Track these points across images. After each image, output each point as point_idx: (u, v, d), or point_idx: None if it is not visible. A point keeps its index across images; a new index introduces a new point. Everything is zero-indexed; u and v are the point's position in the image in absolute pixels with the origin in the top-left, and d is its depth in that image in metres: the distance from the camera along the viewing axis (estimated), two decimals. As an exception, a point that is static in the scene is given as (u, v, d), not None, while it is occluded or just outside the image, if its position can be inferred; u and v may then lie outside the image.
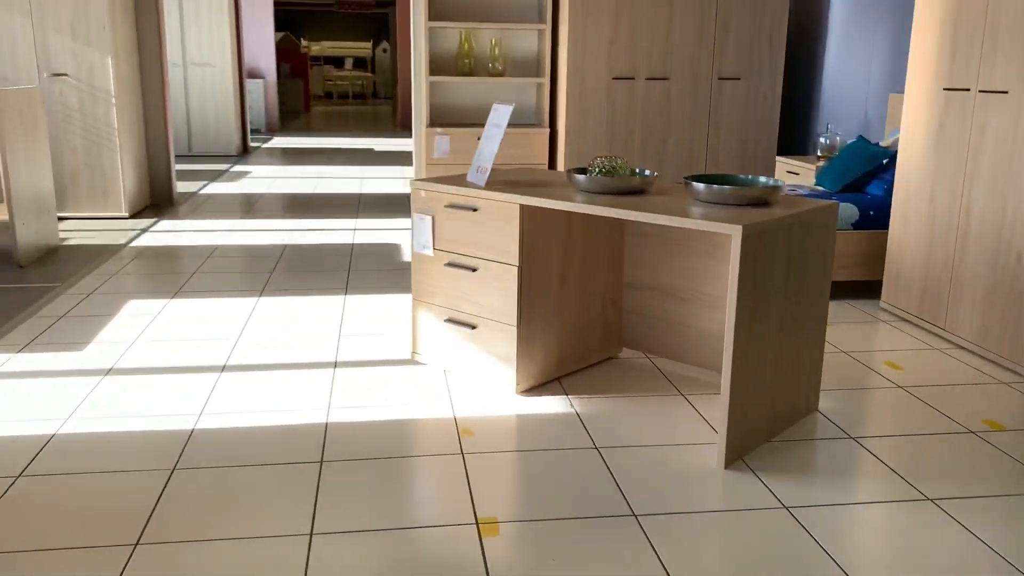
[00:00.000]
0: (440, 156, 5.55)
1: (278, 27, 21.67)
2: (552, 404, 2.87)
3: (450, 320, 3.06)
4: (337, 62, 22.37)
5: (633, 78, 5.48)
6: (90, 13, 5.58)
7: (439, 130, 5.52)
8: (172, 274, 4.50)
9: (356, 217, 6.21)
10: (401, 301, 4.06)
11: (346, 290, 4.25)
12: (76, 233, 5.40)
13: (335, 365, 3.21)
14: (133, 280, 4.37)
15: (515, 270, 2.83)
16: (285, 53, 16.63)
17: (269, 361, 3.24)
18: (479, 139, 5.56)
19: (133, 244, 5.20)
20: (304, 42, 21.32)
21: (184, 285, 4.29)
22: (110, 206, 5.85)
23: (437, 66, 5.80)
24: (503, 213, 2.83)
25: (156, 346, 3.38)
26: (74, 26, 5.59)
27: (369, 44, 22.57)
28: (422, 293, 3.14)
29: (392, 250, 5.16)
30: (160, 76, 6.29)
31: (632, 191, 2.82)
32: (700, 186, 2.63)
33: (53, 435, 2.59)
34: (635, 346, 3.31)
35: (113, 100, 5.70)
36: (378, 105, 19.83)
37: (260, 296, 4.12)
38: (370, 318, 3.79)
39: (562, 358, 3.08)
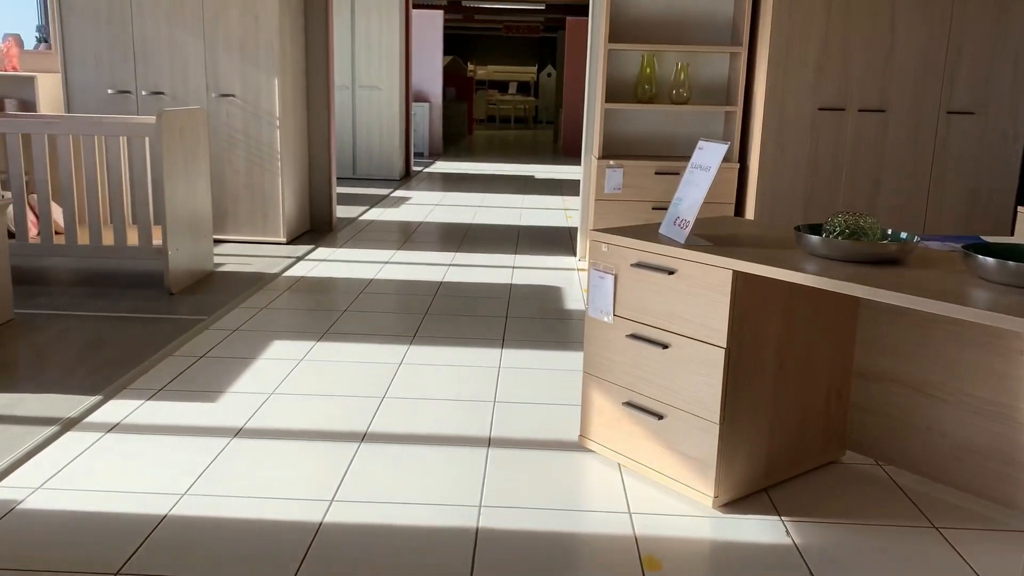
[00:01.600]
0: (612, 191, 5.01)
1: (446, 51, 21.96)
2: (761, 528, 2.23)
3: (630, 404, 2.49)
4: (501, 86, 22.37)
5: (843, 109, 4.73)
6: (259, 34, 5.44)
7: (612, 162, 4.98)
8: (322, 311, 4.18)
9: (515, 252, 5.76)
10: (563, 360, 3.53)
11: (503, 341, 3.77)
12: (232, 258, 5.23)
13: (489, 443, 2.71)
14: (282, 316, 4.07)
15: (721, 352, 2.23)
16: (451, 77, 16.68)
17: (415, 431, 2.79)
18: (655, 173, 4.98)
19: (287, 273, 4.96)
20: (470, 66, 21.46)
21: (333, 325, 3.95)
22: (269, 230, 5.69)
23: (613, 92, 5.28)
24: (709, 279, 2.24)
25: (294, 402, 3.01)
26: (243, 46, 5.47)
27: (534, 68, 22.45)
28: (596, 366, 2.59)
29: (553, 294, 4.65)
30: (326, 98, 6.11)
31: (885, 260, 2.16)
32: (991, 262, 1.94)
33: (163, 518, 2.22)
34: (862, 450, 2.61)
35: (277, 122, 5.54)
36: (539, 130, 19.59)
37: (411, 344, 3.70)
38: (529, 380, 3.28)
39: (771, 463, 2.44)
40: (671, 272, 2.33)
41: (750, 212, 4.90)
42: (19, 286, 4.38)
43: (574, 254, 5.76)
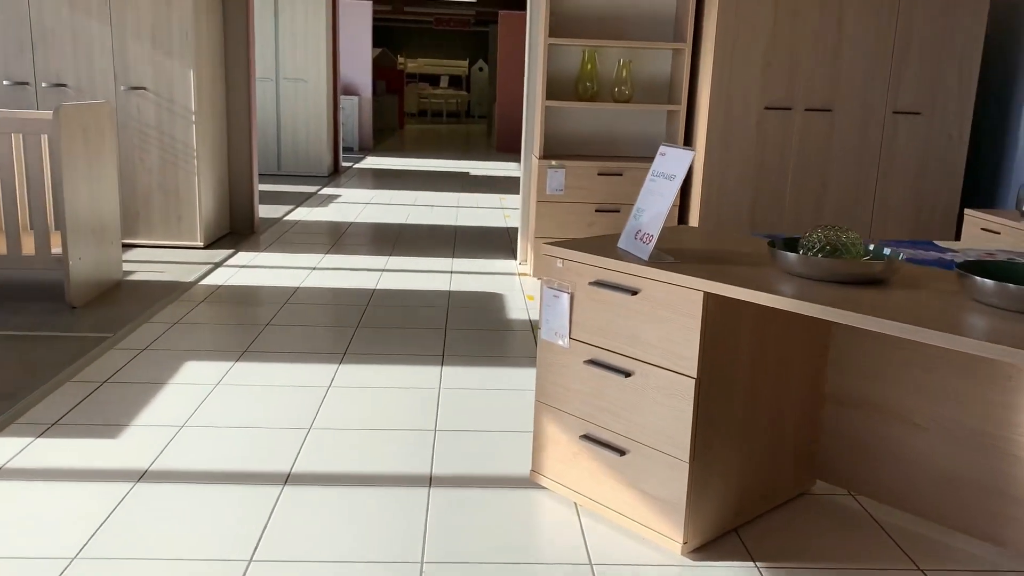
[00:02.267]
0: (554, 192, 4.77)
1: (375, 43, 21.45)
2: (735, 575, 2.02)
3: (588, 438, 2.25)
4: (432, 80, 21.97)
5: (790, 108, 4.59)
6: (173, 20, 5.02)
7: (553, 162, 4.75)
8: (242, 325, 3.83)
9: (452, 256, 5.47)
10: (509, 379, 3.27)
11: (443, 358, 3.49)
12: (143, 266, 4.82)
13: (430, 481, 2.44)
14: (197, 332, 3.71)
15: (690, 382, 2.00)
16: (381, 69, 16.24)
17: (346, 469, 2.49)
18: (598, 173, 4.76)
19: (204, 282, 4.58)
20: (401, 59, 21.01)
21: (254, 341, 3.61)
22: (184, 234, 5.27)
23: (554, 89, 5.04)
24: (677, 301, 2.01)
25: (207, 436, 2.68)
26: (155, 34, 5.04)
27: (465, 62, 22.12)
28: (550, 395, 2.34)
29: (494, 303, 4.38)
30: (247, 91, 5.71)
31: (869, 280, 1.96)
32: (990, 284, 1.75)
33: (48, 588, 1.88)
34: (835, 479, 2.43)
35: (193, 117, 5.13)
36: (472, 124, 19.29)
37: (340, 363, 3.39)
38: (473, 404, 3.02)
39: (743, 500, 2.23)
40: (634, 292, 2.09)
41: (694, 215, 4.72)
42: None
43: (514, 257, 5.51)
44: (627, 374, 2.13)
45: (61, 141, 3.77)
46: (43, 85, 5.06)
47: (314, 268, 4.99)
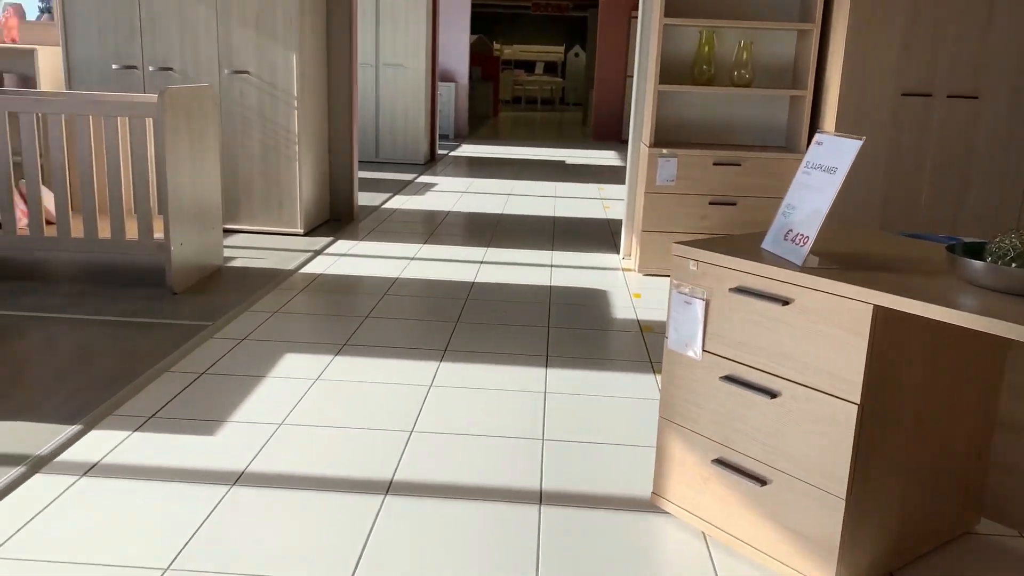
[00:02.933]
0: (664, 183, 4.50)
1: (472, 29, 21.38)
2: (898, 633, 1.75)
3: (722, 462, 2.00)
4: (528, 66, 21.77)
5: (930, 95, 4.18)
6: (277, 4, 4.95)
7: (665, 151, 4.47)
8: (341, 317, 3.71)
9: (551, 248, 5.26)
10: (619, 384, 3.05)
11: (547, 359, 3.29)
12: (244, 252, 4.77)
13: (541, 498, 2.23)
14: (296, 322, 3.61)
15: (852, 408, 1.73)
16: (477, 56, 16.12)
17: (450, 480, 2.32)
18: (713, 163, 4.46)
19: (304, 270, 4.50)
20: (497, 45, 20.87)
21: (354, 334, 3.48)
22: (285, 220, 5.22)
23: (668, 72, 4.75)
24: (839, 314, 1.74)
25: (306, 436, 2.54)
26: (260, 19, 4.99)
27: (561, 48, 21.82)
28: (677, 412, 2.10)
29: (598, 299, 4.15)
30: (349, 77, 5.62)
31: (1077, 296, 1.65)
32: None
33: (140, 602, 1.76)
34: (1003, 518, 2.11)
35: (295, 102, 5.06)
36: (566, 112, 19.00)
37: (441, 360, 3.22)
38: (582, 410, 2.80)
39: (901, 540, 1.95)
40: (786, 302, 1.83)
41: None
42: (5, 283, 3.94)
43: (617, 251, 5.26)
44: (772, 395, 1.87)
45: (165, 124, 3.72)
46: (150, 69, 5.08)
47: (412, 258, 4.86)
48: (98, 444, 2.43)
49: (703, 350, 2.02)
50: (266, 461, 2.38)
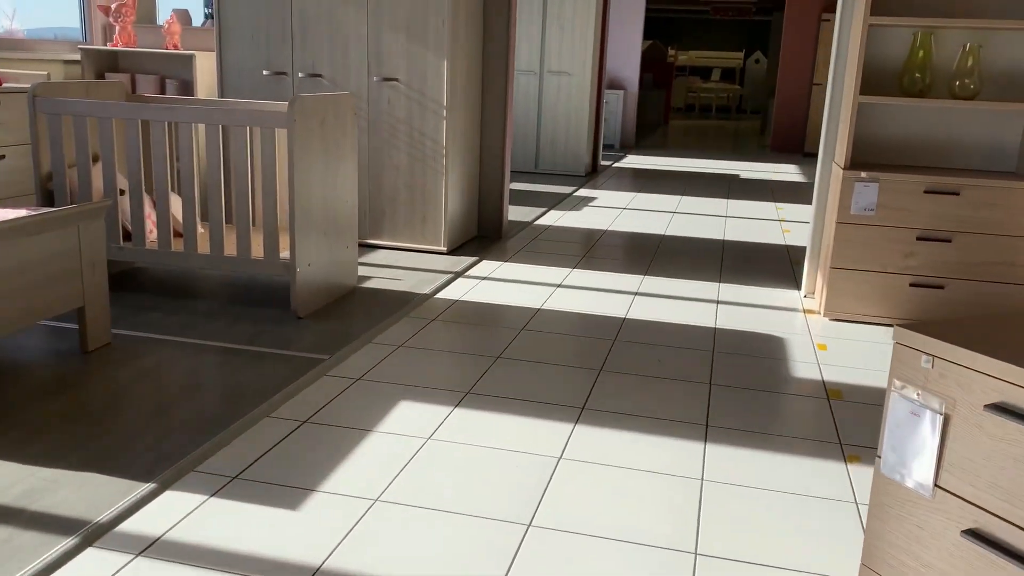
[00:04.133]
0: (861, 212, 3.77)
1: (645, 34, 20.70)
2: None
3: (959, 651, 1.37)
4: (703, 72, 20.82)
5: None
6: (429, 8, 4.62)
7: (864, 174, 3.74)
8: (471, 355, 3.28)
9: (718, 279, 4.62)
10: (800, 478, 2.41)
11: (705, 430, 2.70)
12: (381, 271, 4.46)
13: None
14: (420, 360, 3.21)
15: None
16: (649, 62, 15.46)
17: (569, 605, 1.80)
18: (924, 191, 3.68)
19: (441, 294, 4.12)
20: (671, 51, 20.09)
21: (481, 378, 3.04)
22: (428, 237, 4.89)
23: (870, 81, 4.01)
24: None
25: (400, 520, 2.11)
26: (410, 24, 4.67)
27: (740, 54, 20.72)
28: (886, 564, 1.48)
29: (771, 349, 3.50)
30: (504, 85, 5.22)
31: None
32: None
33: None
34: None
35: (444, 112, 4.70)
36: (743, 121, 17.95)
37: (576, 422, 2.72)
38: (750, 513, 2.20)
39: None
40: (1084, 440, 1.19)
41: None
42: (130, 294, 3.80)
43: (797, 287, 4.54)
44: (1051, 573, 1.23)
45: (296, 135, 3.43)
46: (300, 75, 4.88)
47: (559, 285, 4.37)
48: (166, 511, 2.10)
49: (935, 485, 1.39)
50: (350, 552, 1.96)
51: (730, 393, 3.02)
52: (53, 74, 5.29)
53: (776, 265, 5.04)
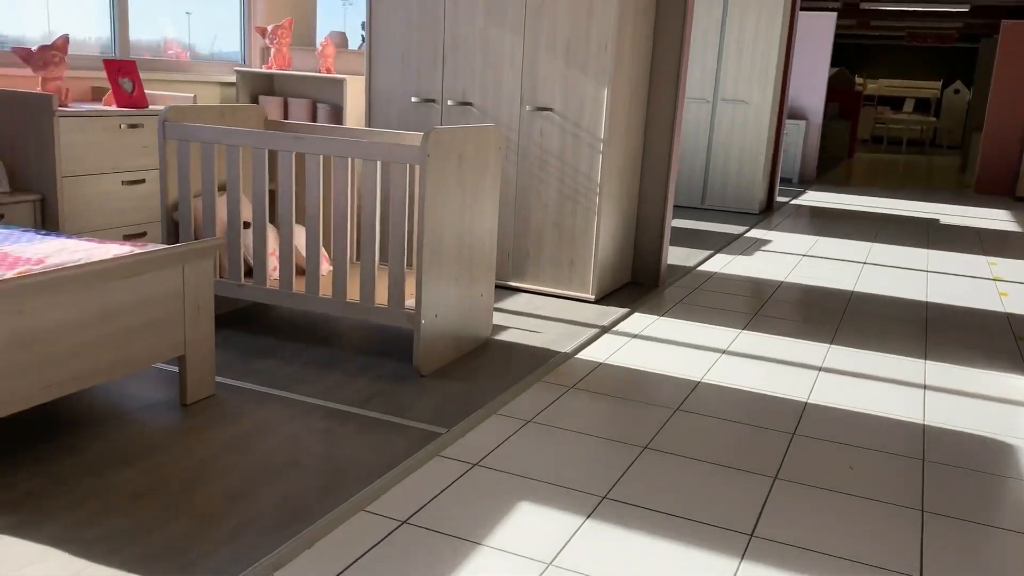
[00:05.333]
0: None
1: (833, 61, 19.40)
2: None
3: None
4: (894, 102, 19.21)
5: None
6: (592, 30, 4.14)
7: None
8: (611, 443, 2.74)
9: (923, 355, 3.82)
10: None
11: (921, 572, 2.02)
12: (518, 320, 4.00)
13: None
14: (549, 444, 2.70)
15: None
16: (835, 90, 14.32)
17: None
18: None
19: (583, 354, 3.60)
20: (859, 79, 18.67)
21: (623, 477, 2.49)
22: (574, 282, 4.38)
23: None
24: None
25: None
26: (570, 48, 4.20)
27: (938, 83, 18.96)
28: None
29: (998, 463, 2.72)
30: (671, 116, 4.65)
31: None
32: None
33: None
34: None
35: (601, 145, 4.20)
36: (937, 156, 16.32)
37: (742, 558, 2.11)
38: None
39: None
40: None
41: None
42: (248, 335, 3.52)
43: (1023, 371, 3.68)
44: None
45: (429, 172, 3.03)
46: (449, 103, 4.53)
47: (725, 351, 3.74)
48: (212, 645, 1.69)
49: None
50: None
51: (950, 528, 2.31)
52: (209, 97, 5.23)
53: (994, 339, 4.16)
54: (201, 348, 2.81)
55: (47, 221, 3.78)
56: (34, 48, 3.81)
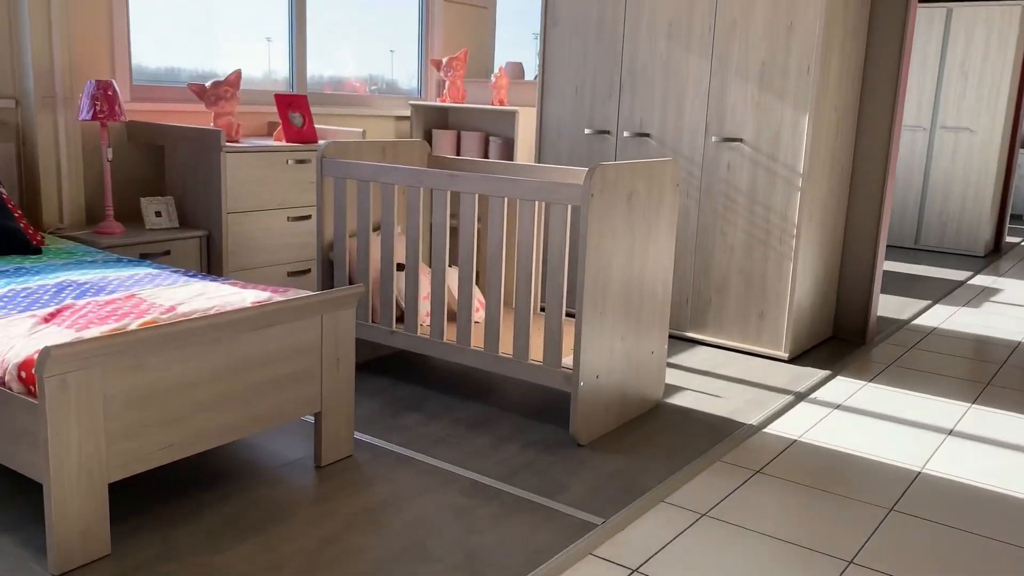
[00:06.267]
0: None
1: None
2: None
3: None
4: None
5: None
6: (792, 50, 3.62)
7: None
8: (806, 551, 2.21)
9: None
10: None
11: None
12: (696, 380, 3.51)
13: None
14: (726, 547, 2.22)
15: None
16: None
17: None
18: None
19: (772, 427, 3.07)
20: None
21: (815, 602, 1.97)
22: (764, 338, 3.84)
23: None
24: None
25: None
26: (765, 71, 3.70)
27: None
28: None
29: None
30: (885, 147, 4.02)
31: None
32: None
33: None
34: None
35: (800, 180, 3.65)
36: None
37: None
38: None
39: None
40: None
41: None
42: (398, 384, 3.27)
43: None
44: None
45: (592, 213, 2.65)
46: (624, 135, 4.14)
47: (949, 432, 3.08)
48: None
49: None
50: None
51: None
52: (382, 131, 5.15)
53: None
54: (339, 405, 2.57)
55: (212, 258, 3.75)
56: (208, 84, 3.81)
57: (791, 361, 3.82)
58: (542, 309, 4.22)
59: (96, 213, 3.83)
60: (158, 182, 4.03)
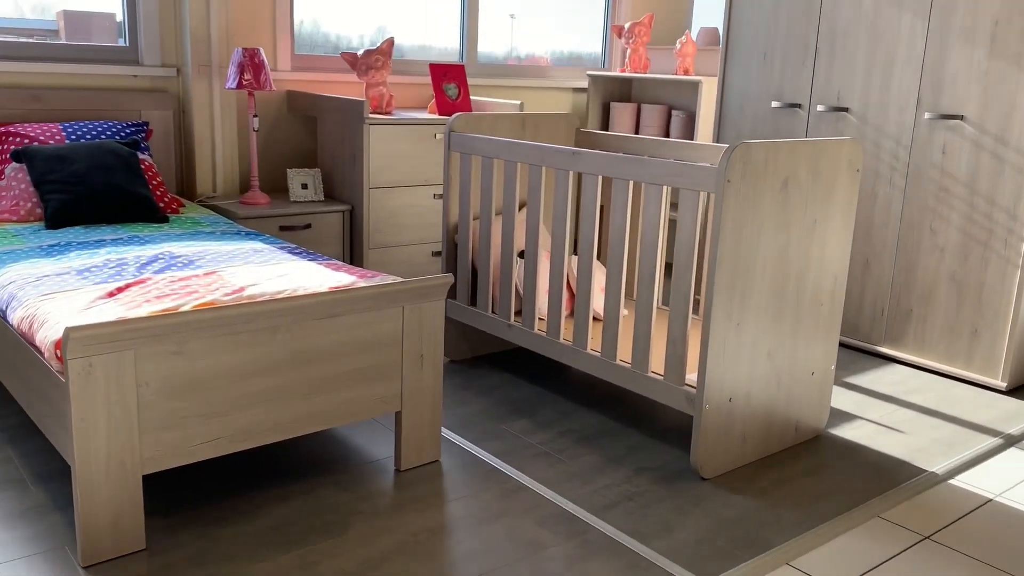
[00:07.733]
0: None
1: None
2: None
3: None
4: None
5: None
6: (1036, 0, 2.85)
7: None
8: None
9: None
10: None
11: None
12: (876, 407, 2.89)
13: None
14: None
15: None
16: None
17: None
18: None
19: (962, 477, 2.43)
20: None
21: None
22: (976, 360, 3.11)
23: None
24: None
25: None
26: (997, 33, 2.95)
27: None
28: None
29: None
30: None
31: None
32: None
33: None
34: None
35: (1036, 170, 2.89)
36: None
37: None
38: None
39: None
40: None
41: None
42: (516, 379, 2.96)
43: None
44: None
45: (729, 200, 2.18)
46: (819, 108, 3.52)
47: None
48: None
49: None
50: None
51: None
52: (559, 104, 4.82)
53: None
54: (422, 405, 2.32)
55: (354, 233, 3.65)
56: (359, 52, 3.69)
57: (1009, 392, 3.08)
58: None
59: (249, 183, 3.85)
60: (313, 153, 3.99)
